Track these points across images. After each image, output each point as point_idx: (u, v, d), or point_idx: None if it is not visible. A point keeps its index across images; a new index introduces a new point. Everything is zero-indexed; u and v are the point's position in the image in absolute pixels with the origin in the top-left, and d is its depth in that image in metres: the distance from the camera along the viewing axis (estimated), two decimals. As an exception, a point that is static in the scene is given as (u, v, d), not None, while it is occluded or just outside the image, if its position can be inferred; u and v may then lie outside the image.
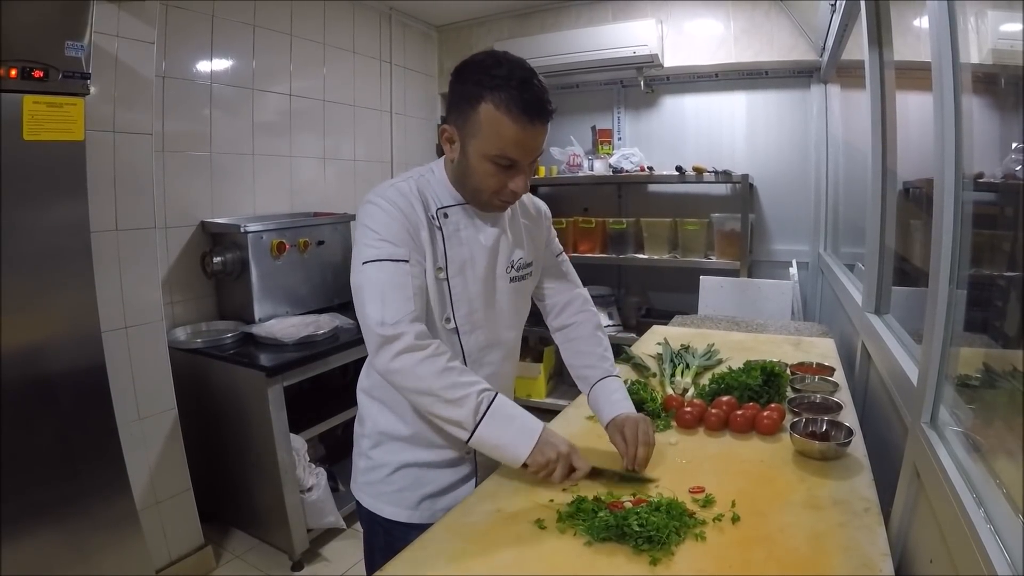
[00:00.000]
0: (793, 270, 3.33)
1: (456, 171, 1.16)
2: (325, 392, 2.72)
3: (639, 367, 1.85)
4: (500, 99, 1.04)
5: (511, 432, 1.09)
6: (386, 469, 1.25)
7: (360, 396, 1.32)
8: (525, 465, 1.09)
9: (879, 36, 1.90)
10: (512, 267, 1.26)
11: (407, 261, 1.10)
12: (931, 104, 1.08)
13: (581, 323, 1.42)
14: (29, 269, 1.60)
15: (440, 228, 1.17)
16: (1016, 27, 1.03)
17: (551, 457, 1.09)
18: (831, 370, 1.73)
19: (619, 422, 1.23)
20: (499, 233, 1.23)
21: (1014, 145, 1.07)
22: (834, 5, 2.48)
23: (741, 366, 1.62)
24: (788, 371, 1.69)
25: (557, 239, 1.44)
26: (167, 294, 2.47)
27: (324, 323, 2.56)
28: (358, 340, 2.51)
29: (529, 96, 1.04)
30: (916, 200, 1.77)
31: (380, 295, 1.07)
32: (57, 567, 1.70)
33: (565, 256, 1.45)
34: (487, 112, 1.05)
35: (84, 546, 1.76)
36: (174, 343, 2.38)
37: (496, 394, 1.09)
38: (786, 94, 3.50)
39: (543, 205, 1.40)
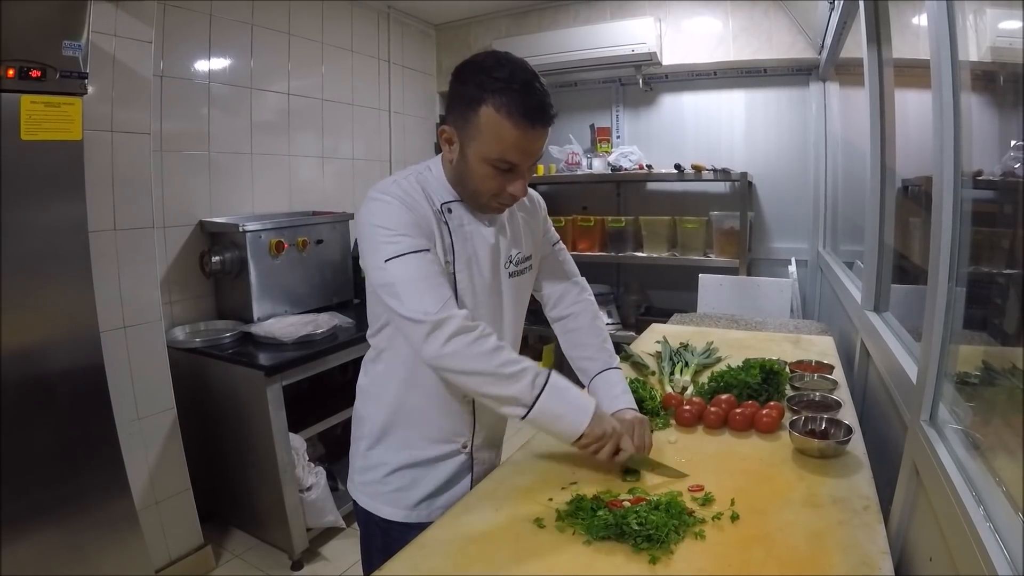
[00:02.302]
0: (792, 268, 3.34)
1: (454, 172, 1.15)
2: (324, 391, 2.72)
3: (638, 365, 1.85)
4: (500, 102, 1.03)
5: (568, 405, 1.10)
6: (383, 469, 1.25)
7: (358, 395, 1.32)
8: (579, 440, 1.11)
9: (878, 34, 1.90)
10: (511, 262, 1.25)
11: (428, 250, 1.09)
12: (930, 102, 1.08)
13: (579, 313, 1.42)
14: (27, 269, 1.60)
15: (446, 222, 1.17)
16: (1015, 25, 1.03)
17: (607, 431, 1.11)
18: (830, 368, 1.73)
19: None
20: (498, 229, 1.23)
21: (1013, 143, 1.07)
22: (833, 3, 2.48)
23: (740, 364, 1.62)
24: (787, 369, 1.68)
25: (553, 228, 1.43)
26: (166, 293, 2.46)
27: (323, 322, 2.56)
28: (357, 339, 2.51)
29: (530, 100, 1.03)
30: (915, 198, 1.77)
31: (414, 287, 1.06)
32: (56, 567, 1.69)
33: (562, 245, 1.44)
34: (487, 115, 1.04)
35: (83, 546, 1.76)
36: (173, 343, 2.38)
37: (551, 370, 1.11)
38: (785, 92, 3.50)
39: (537, 195, 1.39)
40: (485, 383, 1.06)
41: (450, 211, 1.17)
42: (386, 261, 1.07)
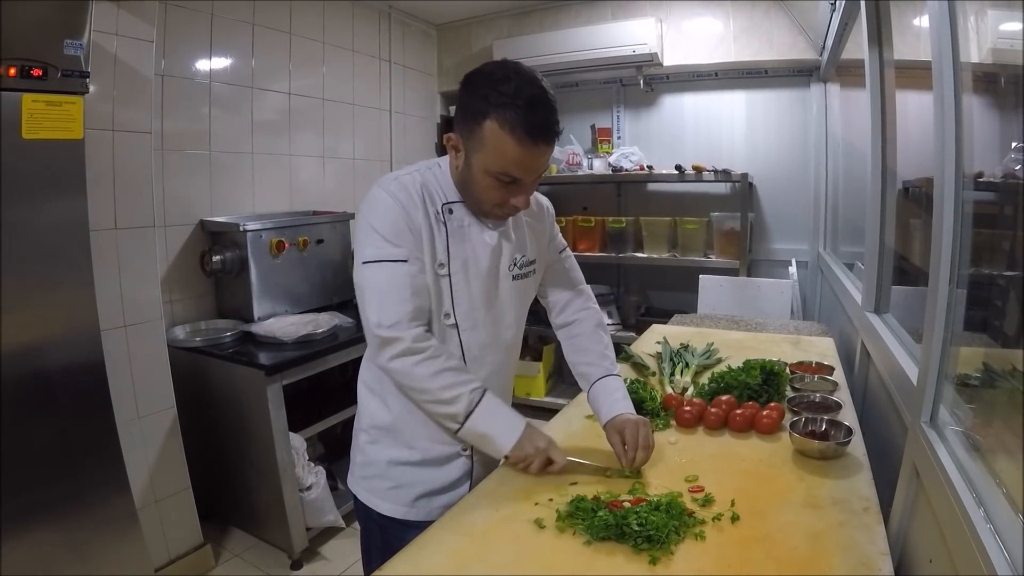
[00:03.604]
0: (792, 269, 3.33)
1: (459, 179, 1.16)
2: (324, 391, 2.72)
3: (638, 366, 1.85)
4: (505, 118, 1.02)
5: (496, 426, 1.15)
6: (382, 465, 1.25)
7: (360, 391, 1.32)
8: (506, 457, 1.17)
9: (879, 35, 1.90)
10: (515, 265, 1.25)
11: (406, 261, 1.10)
12: (931, 103, 1.08)
13: (582, 320, 1.42)
14: (28, 268, 1.60)
15: (444, 223, 1.17)
16: (1016, 26, 1.03)
17: (529, 452, 1.16)
18: (830, 369, 1.73)
19: (618, 424, 1.23)
20: (502, 232, 1.22)
21: (1014, 144, 1.07)
22: (834, 4, 2.48)
23: (740, 365, 1.62)
24: (787, 370, 1.68)
25: (560, 235, 1.43)
26: (166, 292, 2.46)
27: (323, 322, 2.56)
28: (357, 339, 2.51)
29: (535, 118, 1.03)
30: (916, 199, 1.77)
31: (378, 297, 1.09)
32: (56, 566, 1.70)
33: (569, 252, 1.44)
34: (491, 130, 1.04)
35: (83, 545, 1.76)
36: (173, 342, 2.38)
37: (485, 391, 1.15)
38: (786, 93, 3.50)
39: (546, 201, 1.38)
40: (425, 400, 1.14)
41: (451, 212, 1.17)
42: (363, 263, 1.11)
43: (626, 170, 3.58)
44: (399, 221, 1.11)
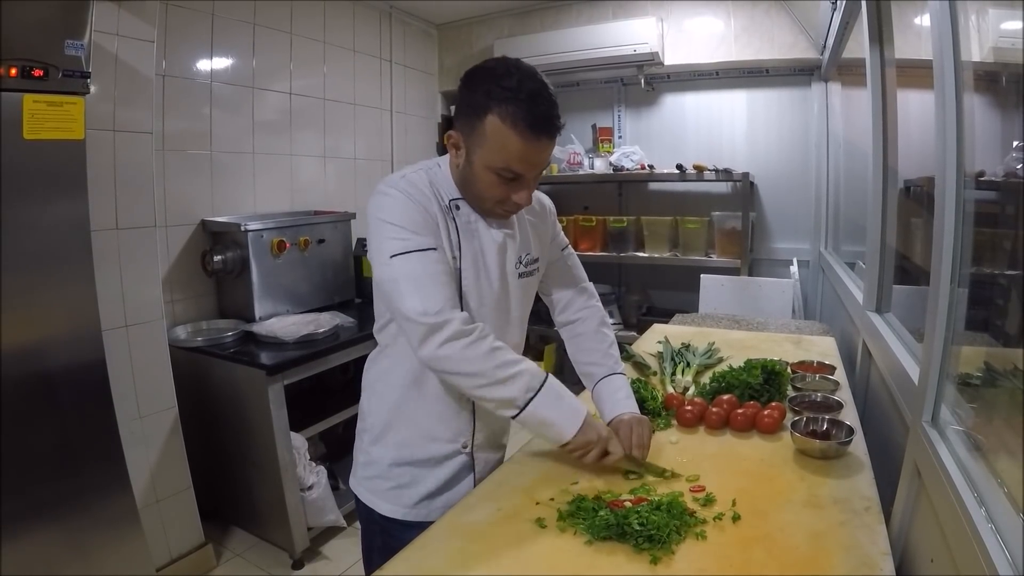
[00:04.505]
0: (794, 268, 3.33)
1: (460, 176, 1.15)
2: (325, 390, 2.73)
3: (640, 365, 1.85)
4: (507, 112, 1.02)
5: (560, 411, 1.12)
6: (384, 464, 1.25)
7: (363, 391, 1.32)
8: (566, 444, 1.13)
9: (880, 34, 1.90)
10: (520, 263, 1.25)
11: (434, 249, 1.09)
12: (932, 102, 1.08)
13: (585, 319, 1.42)
14: (29, 268, 1.60)
15: (454, 219, 1.16)
16: (1017, 25, 1.02)
17: (592, 439, 1.13)
18: (832, 368, 1.73)
19: (615, 423, 1.23)
20: (507, 231, 1.22)
21: (1015, 143, 1.07)
22: (835, 3, 2.47)
23: (742, 364, 1.61)
24: (789, 370, 1.68)
25: (563, 233, 1.43)
26: (167, 292, 2.46)
27: (324, 321, 2.56)
28: (358, 338, 2.51)
29: (537, 111, 1.03)
30: (917, 198, 1.77)
31: (416, 286, 1.06)
32: (57, 566, 1.70)
33: (571, 250, 1.44)
34: (493, 125, 1.04)
35: (84, 544, 1.76)
36: (174, 341, 2.38)
37: (547, 374, 1.12)
38: (787, 92, 3.50)
39: (547, 200, 1.38)
40: (479, 385, 1.08)
41: (458, 208, 1.17)
42: (391, 257, 1.07)
43: (627, 169, 3.58)
44: (416, 214, 1.09)
